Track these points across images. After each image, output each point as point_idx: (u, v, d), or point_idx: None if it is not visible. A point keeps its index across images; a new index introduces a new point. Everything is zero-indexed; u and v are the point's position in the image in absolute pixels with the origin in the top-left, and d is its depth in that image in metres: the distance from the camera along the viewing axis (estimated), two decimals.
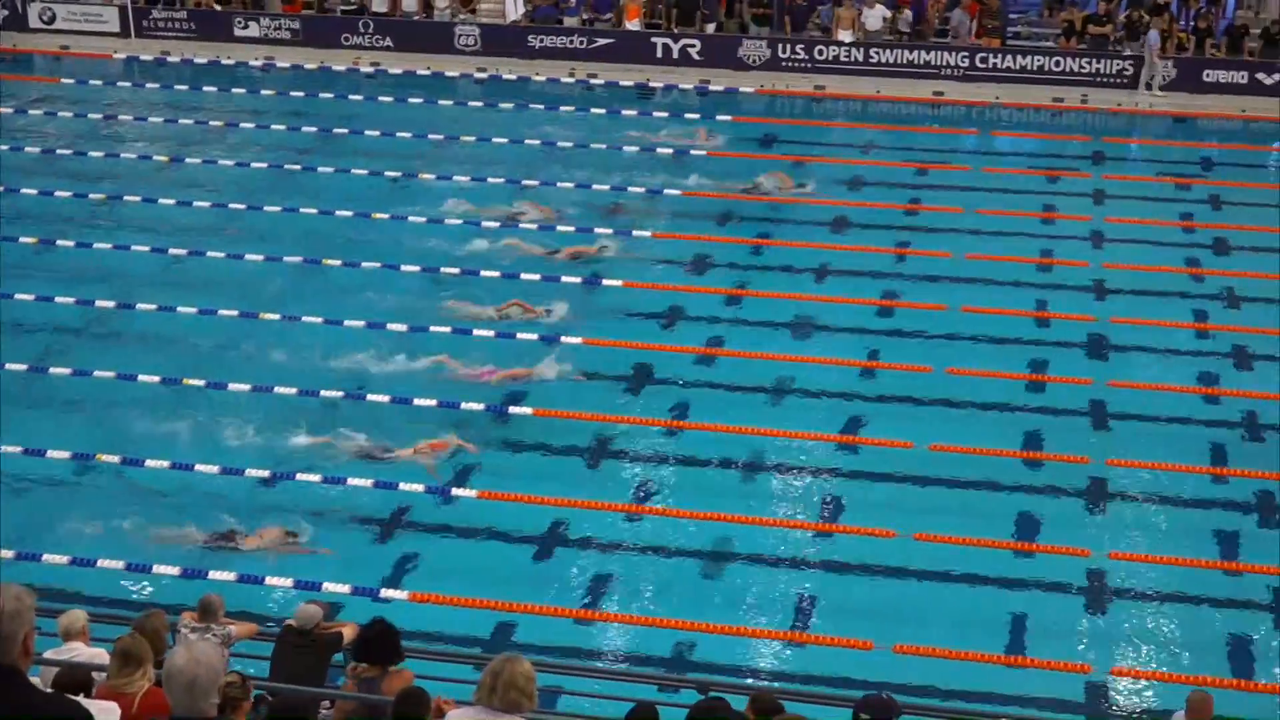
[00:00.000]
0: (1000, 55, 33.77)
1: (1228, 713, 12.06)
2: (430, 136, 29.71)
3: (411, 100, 32.28)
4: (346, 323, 21.27)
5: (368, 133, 29.80)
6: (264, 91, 32.89)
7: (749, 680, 14.09)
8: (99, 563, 15.68)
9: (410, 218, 25.24)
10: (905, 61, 33.92)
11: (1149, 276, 23.31)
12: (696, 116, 31.47)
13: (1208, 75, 32.96)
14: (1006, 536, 16.56)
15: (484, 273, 22.98)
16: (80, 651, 10.31)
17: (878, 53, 34.00)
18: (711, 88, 33.38)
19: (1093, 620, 15.28)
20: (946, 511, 16.98)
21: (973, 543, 16.30)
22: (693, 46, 34.61)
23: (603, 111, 31.72)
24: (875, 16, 34.44)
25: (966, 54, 33.78)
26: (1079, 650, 14.75)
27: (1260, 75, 32.83)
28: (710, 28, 35.11)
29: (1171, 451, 18.30)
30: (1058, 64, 33.47)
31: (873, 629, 14.88)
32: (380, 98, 32.56)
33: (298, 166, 27.93)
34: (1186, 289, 23.07)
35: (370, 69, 34.64)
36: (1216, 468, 18.08)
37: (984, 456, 18.04)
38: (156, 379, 19.68)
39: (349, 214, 25.38)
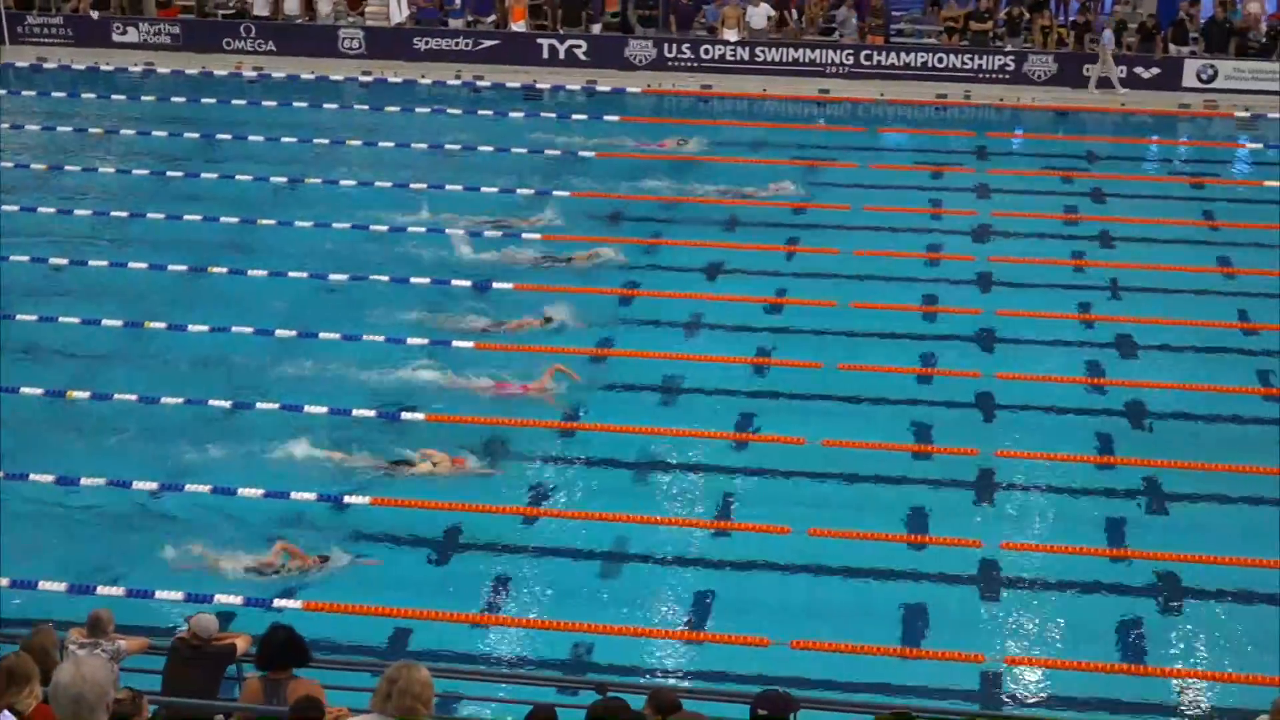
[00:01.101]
0: (884, 53, 34.11)
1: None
2: (316, 141, 29.47)
3: (296, 104, 32.01)
4: (234, 329, 21.02)
5: (251, 138, 29.50)
6: (144, 98, 32.47)
7: (647, 679, 14.07)
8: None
9: (297, 223, 25.00)
10: (791, 60, 34.16)
11: (1034, 269, 23.61)
12: (584, 117, 31.47)
13: (1087, 70, 33.46)
14: (899, 529, 16.68)
15: (373, 277, 22.82)
16: None
17: (763, 51, 34.20)
18: (599, 88, 33.40)
19: (985, 610, 15.41)
20: (840, 506, 17.09)
21: (866, 536, 16.41)
22: (579, 47, 34.60)
23: (490, 113, 31.61)
24: (760, 15, 34.63)
25: (851, 52, 34.06)
26: (973, 640, 14.86)
27: (1138, 69, 33.40)
28: (596, 28, 35.11)
29: (1059, 441, 18.53)
30: (941, 61, 33.87)
31: (769, 625, 14.91)
32: (264, 102, 32.24)
33: (180, 173, 27.56)
34: (1071, 281, 23.38)
35: (253, 73, 34.28)
36: (1103, 456, 18.34)
37: (876, 451, 18.16)
38: (39, 391, 19.32)
39: (234, 220, 25.10)
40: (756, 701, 9.62)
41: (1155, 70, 33.35)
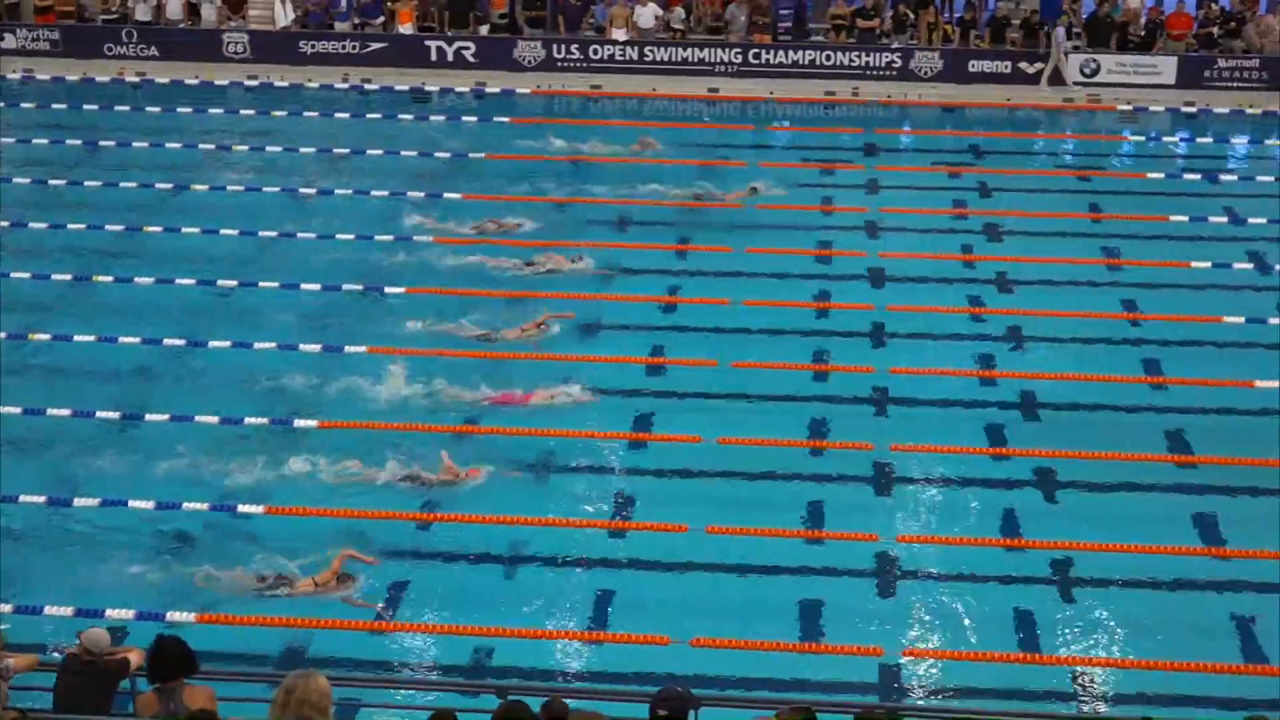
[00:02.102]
0: (772, 51, 34.26)
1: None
2: (201, 147, 29.10)
3: (180, 110, 31.58)
4: (121, 339, 20.67)
5: (136, 144, 29.06)
6: (24, 105, 31.86)
7: (549, 682, 14.02)
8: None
9: (184, 229, 24.66)
10: (680, 59, 34.22)
11: (924, 264, 23.80)
12: (474, 119, 31.35)
13: (973, 66, 33.86)
14: (796, 525, 16.73)
15: (262, 284, 22.57)
16: None
17: (652, 50, 34.23)
18: (488, 90, 33.27)
19: (883, 603, 15.48)
20: (737, 503, 17.10)
21: (763, 533, 16.45)
22: (467, 49, 34.44)
23: (379, 116, 31.39)
24: (648, 15, 34.66)
25: (740, 50, 34.18)
26: (871, 633, 14.93)
27: (1023, 65, 33.83)
28: (484, 30, 34.96)
29: (952, 434, 18.69)
30: (828, 58, 34.09)
31: (669, 624, 14.89)
32: (148, 108, 31.77)
33: (63, 181, 27.09)
34: (960, 275, 23.62)
35: (136, 79, 33.81)
36: (996, 448, 18.52)
37: (771, 447, 18.22)
38: None
39: (119, 228, 24.70)
40: (656, 700, 9.62)
41: (1040, 65, 33.75)
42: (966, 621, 15.19)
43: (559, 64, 34.32)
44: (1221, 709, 13.21)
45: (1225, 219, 25.88)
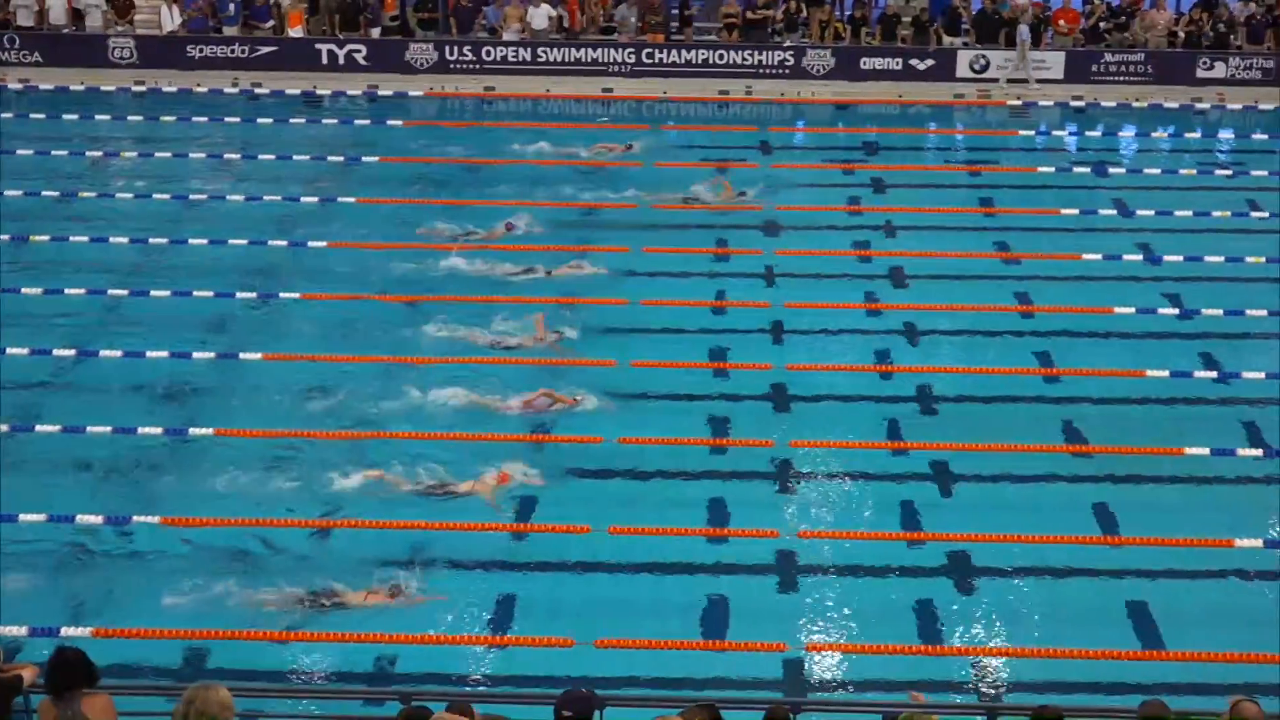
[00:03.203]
0: (665, 50, 34.31)
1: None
2: (89, 154, 28.66)
3: (66, 117, 31.06)
4: (10, 351, 20.30)
5: (20, 152, 28.53)
6: None
7: (452, 686, 13.93)
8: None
9: (72, 238, 24.26)
10: (573, 59, 34.18)
11: (820, 261, 23.93)
12: (366, 122, 31.14)
13: (865, 63, 34.11)
14: (698, 523, 16.75)
15: (154, 293, 22.26)
16: None
17: (545, 51, 34.17)
18: (380, 92, 33.06)
19: (785, 599, 15.55)
20: (638, 503, 17.10)
21: (666, 532, 16.46)
22: (359, 52, 34.19)
23: (270, 121, 31.08)
24: (541, 15, 34.59)
25: (633, 50, 34.20)
26: (775, 629, 14.98)
27: (914, 61, 34.14)
28: (375, 32, 34.72)
29: (850, 429, 18.83)
30: (721, 57, 34.20)
31: (572, 625, 14.87)
32: (32, 115, 31.23)
33: None
34: (856, 271, 23.79)
35: (19, 85, 33.23)
36: (893, 442, 18.67)
37: (672, 446, 18.24)
38: None
39: (5, 238, 24.25)
40: (560, 702, 9.59)
41: (930, 62, 34.10)
42: (867, 615, 15.28)
43: (452, 66, 34.15)
44: (1119, 694, 13.37)
45: (1114, 211, 26.28)
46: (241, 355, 20.39)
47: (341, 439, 18.40)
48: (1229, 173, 28.62)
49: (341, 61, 34.17)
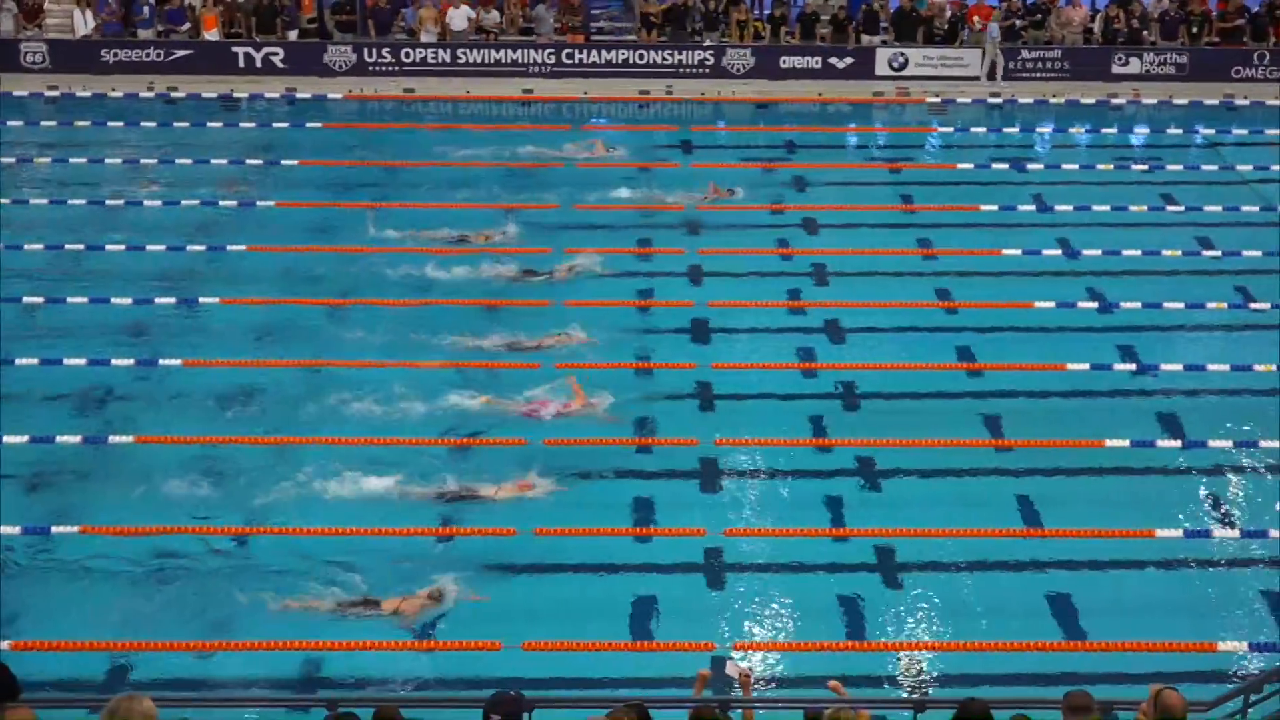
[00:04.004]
0: (585, 50, 34.27)
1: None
2: (2, 160, 28.23)
3: None
4: None
5: None
6: None
7: (379, 692, 13.85)
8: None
9: None
10: (493, 60, 34.09)
11: (743, 259, 23.97)
12: (285, 125, 30.89)
13: (784, 62, 34.21)
14: (625, 523, 16.73)
15: (71, 300, 21.98)
16: None
17: (465, 52, 34.04)
18: (299, 95, 32.80)
19: (713, 597, 15.56)
20: (565, 504, 17.04)
21: (592, 532, 16.43)
22: (276, 55, 33.91)
23: (187, 125, 30.75)
24: (460, 16, 34.45)
25: (552, 51, 34.14)
26: (702, 628, 14.97)
27: (833, 60, 34.28)
28: (292, 35, 34.45)
29: (775, 426, 18.86)
30: (641, 57, 34.19)
31: (500, 628, 14.80)
32: None
33: None
34: (779, 269, 23.85)
35: None
36: (818, 439, 18.73)
37: (597, 446, 18.20)
38: None
39: None
40: (488, 705, 9.53)
41: (849, 60, 34.26)
42: (795, 611, 15.32)
43: (370, 68, 33.95)
44: (1043, 685, 13.45)
45: (1033, 207, 26.49)
46: (162, 361, 20.16)
47: (265, 444, 18.24)
48: (1145, 167, 28.95)
49: (259, 64, 33.87)
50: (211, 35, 34.36)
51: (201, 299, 22.18)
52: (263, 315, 21.71)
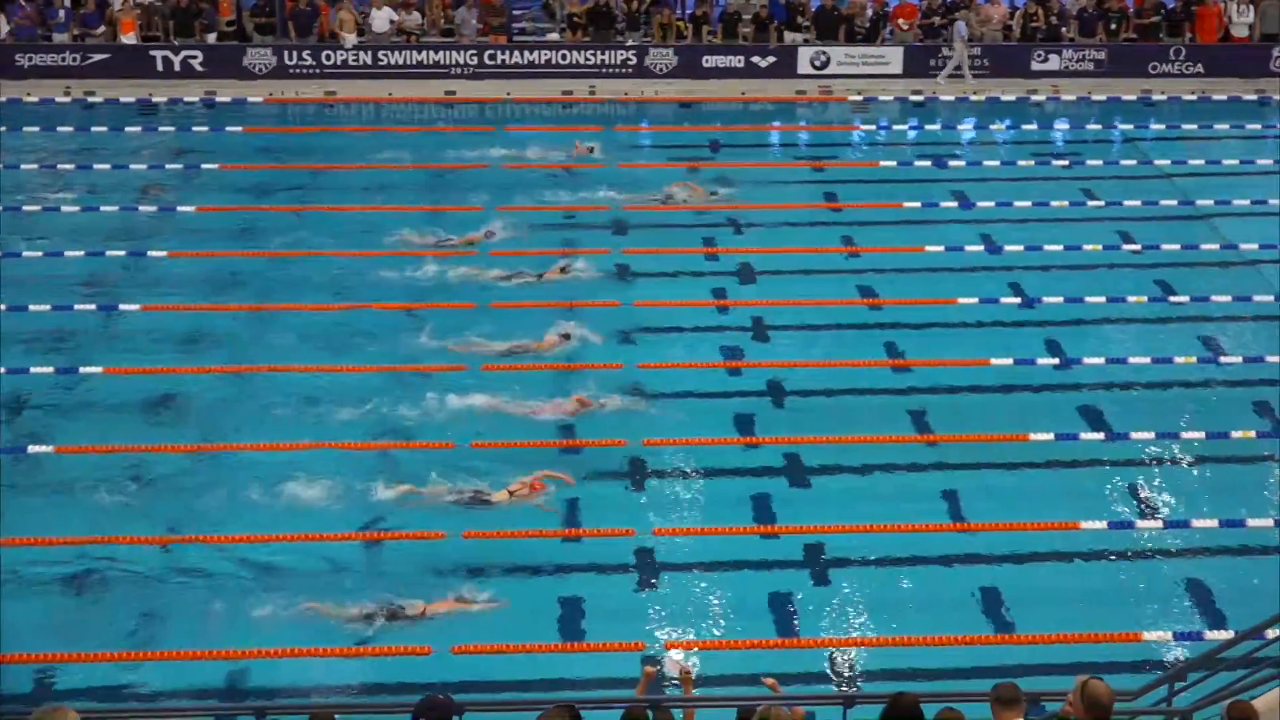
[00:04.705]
0: (508, 51, 34.18)
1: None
2: None
3: None
4: None
5: None
6: None
7: (309, 699, 13.75)
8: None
9: None
10: (415, 62, 33.93)
11: (668, 259, 23.98)
12: (205, 129, 30.60)
13: (707, 61, 34.26)
14: (553, 524, 16.69)
15: None
16: None
17: (386, 55, 33.86)
18: (218, 99, 32.51)
19: (642, 597, 15.55)
20: (493, 506, 16.95)
21: (521, 535, 16.38)
22: (195, 58, 33.58)
23: (105, 129, 30.41)
24: (382, 19, 34.26)
25: (475, 52, 34.03)
26: (632, 628, 14.96)
27: (755, 59, 34.36)
28: (212, 37, 34.13)
29: (703, 425, 18.87)
30: (564, 57, 34.15)
31: (429, 633, 14.73)
32: None
33: None
34: (704, 268, 23.88)
35: None
36: (745, 437, 18.76)
37: (526, 449, 18.14)
38: None
39: None
40: (418, 709, 9.49)
41: (771, 59, 34.36)
42: (725, 610, 15.34)
43: (291, 71, 33.70)
44: (972, 678, 13.52)
45: (955, 203, 26.66)
46: (82, 369, 19.92)
47: (189, 451, 18.07)
48: (1065, 163, 29.21)
49: (177, 68, 33.54)
50: (129, 38, 33.98)
51: (122, 305, 21.94)
52: (185, 321, 21.48)
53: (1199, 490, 17.71)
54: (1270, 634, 12.10)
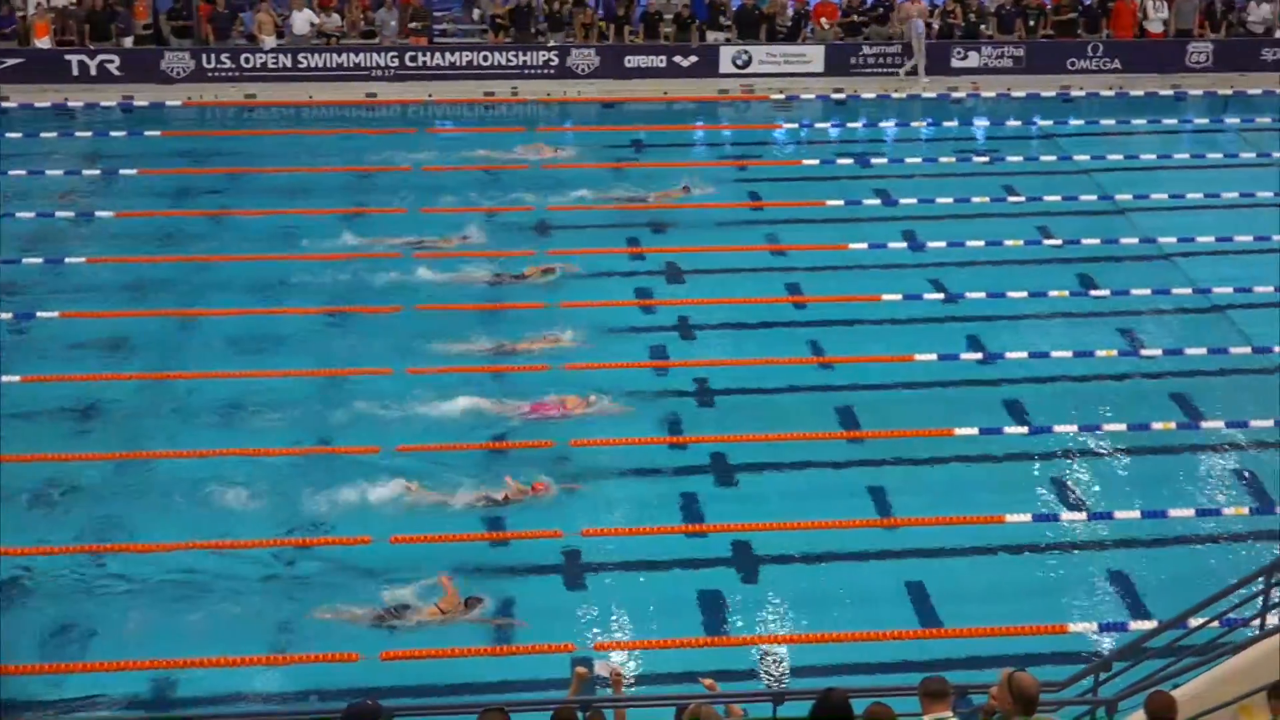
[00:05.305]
0: (429, 53, 34.03)
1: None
2: None
3: None
4: None
5: None
6: None
7: (237, 708, 13.65)
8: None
9: None
10: (335, 65, 33.69)
11: (592, 259, 23.94)
12: (123, 134, 30.26)
13: (629, 61, 34.25)
14: (480, 528, 16.63)
15: None
16: None
17: (306, 57, 33.61)
18: (136, 103, 32.15)
19: (572, 598, 15.51)
20: (421, 510, 16.88)
21: (449, 539, 16.30)
22: (111, 62, 33.19)
23: (19, 135, 29.99)
24: (301, 21, 34.00)
25: (396, 54, 33.85)
26: (563, 630, 14.92)
27: (677, 58, 34.39)
28: (128, 41, 33.75)
29: (630, 425, 18.85)
30: (486, 59, 34.04)
31: (357, 640, 14.62)
32: None
33: None
34: (629, 268, 23.87)
35: None
36: (673, 436, 18.77)
37: (451, 451, 18.07)
38: None
39: None
40: (345, 716, 9.43)
41: (694, 58, 34.39)
42: (654, 609, 15.34)
43: (209, 74, 33.37)
44: (900, 673, 13.61)
45: (878, 201, 26.81)
46: (3, 378, 19.62)
47: (106, 460, 17.86)
48: (986, 159, 29.43)
49: (93, 72, 33.13)
50: (43, 43, 33.50)
51: (40, 313, 21.66)
52: (105, 328, 21.24)
53: (1121, 482, 17.90)
54: (1192, 623, 12.23)
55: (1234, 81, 34.33)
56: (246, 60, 33.51)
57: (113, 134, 30.39)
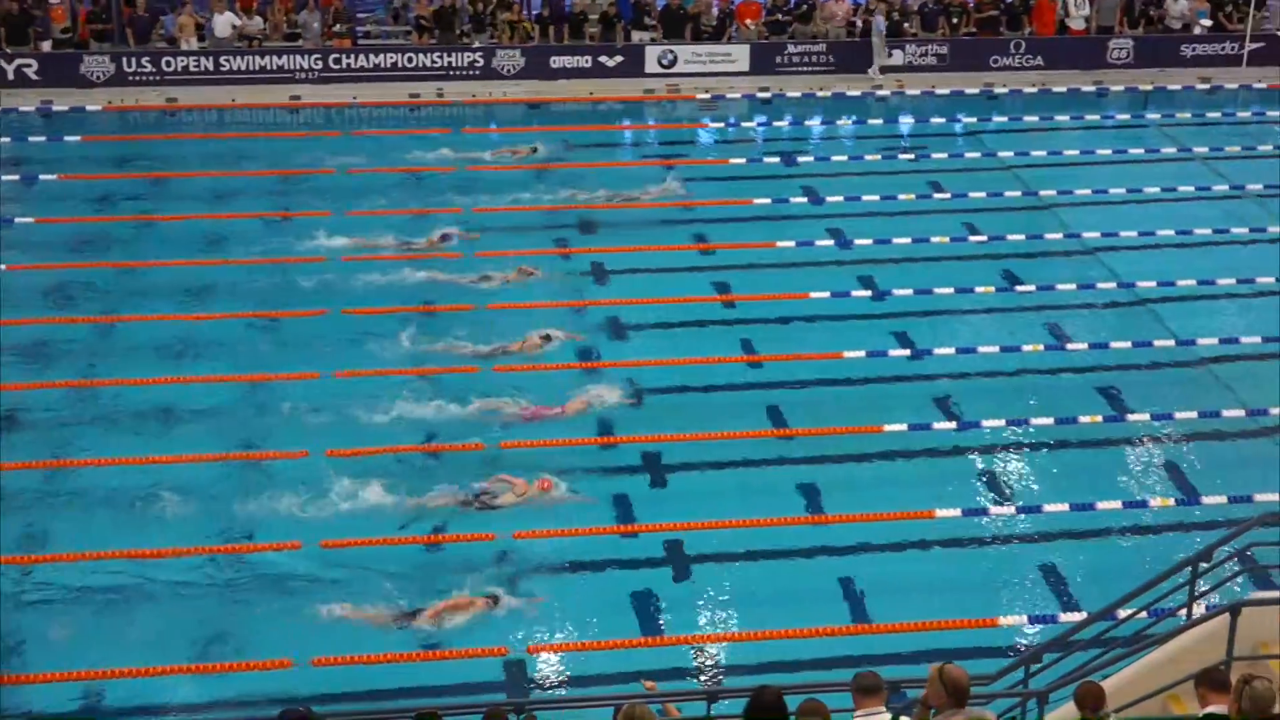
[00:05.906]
0: (353, 55, 33.83)
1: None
2: None
3: None
4: None
5: None
6: None
7: (168, 717, 13.53)
8: None
9: None
10: (258, 68, 33.43)
11: (521, 260, 23.83)
12: (42, 139, 29.88)
13: (555, 61, 34.20)
14: (414, 531, 16.54)
15: None
16: None
17: (228, 60, 33.33)
18: (55, 108, 31.76)
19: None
20: (349, 516, 16.76)
21: (377, 542, 16.21)
22: (29, 66, 32.77)
23: None
24: (223, 23, 33.68)
25: (319, 56, 33.64)
26: (495, 633, 14.88)
27: (603, 58, 34.37)
28: (46, 45, 33.32)
29: (560, 427, 18.83)
30: (410, 60, 33.89)
31: (288, 645, 14.51)
32: None
33: None
34: (558, 268, 23.83)
35: None
36: (604, 436, 18.75)
37: (379, 455, 17.97)
38: None
39: None
40: None
41: (619, 58, 34.38)
42: (588, 611, 15.31)
43: (130, 78, 33.02)
44: (833, 669, 13.63)
45: (805, 199, 26.89)
46: None
47: (31, 469, 17.64)
48: (912, 157, 29.57)
49: (11, 76, 32.70)
50: None
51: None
52: (27, 335, 20.96)
53: (1049, 475, 18.05)
54: (1121, 614, 12.34)
55: (1154, 77, 34.70)
56: (168, 64, 33.18)
57: (32, 139, 30.00)
